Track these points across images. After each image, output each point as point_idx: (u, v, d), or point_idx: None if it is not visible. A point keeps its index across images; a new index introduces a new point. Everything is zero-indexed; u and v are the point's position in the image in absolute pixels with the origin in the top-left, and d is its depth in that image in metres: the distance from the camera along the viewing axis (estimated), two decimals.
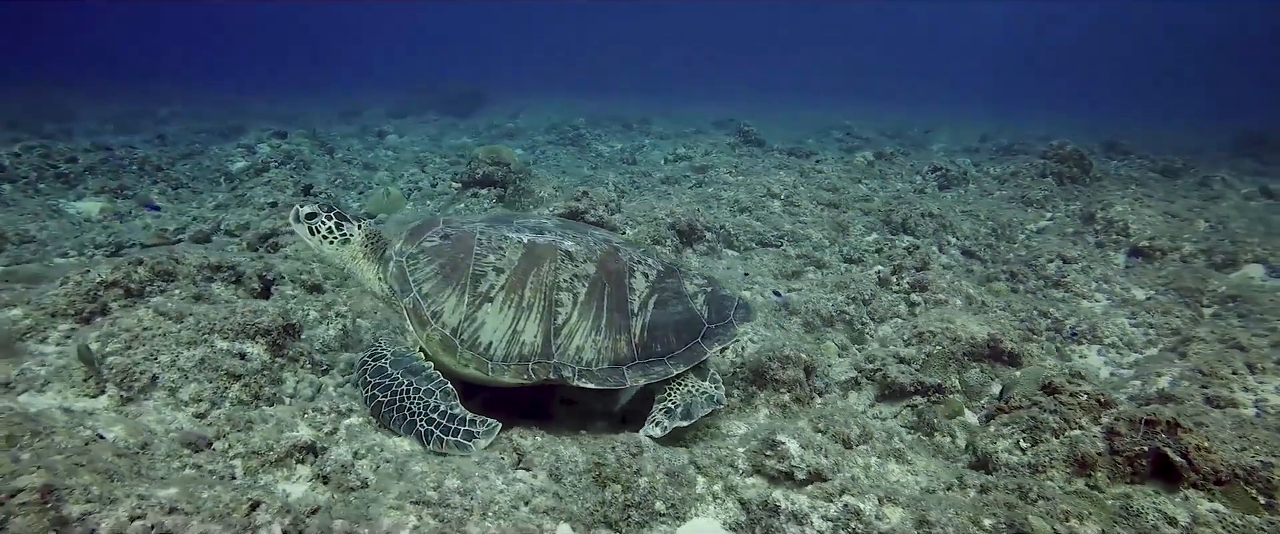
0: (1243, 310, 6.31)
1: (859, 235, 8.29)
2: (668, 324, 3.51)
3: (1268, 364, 4.62)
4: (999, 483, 3.05)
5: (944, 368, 4.64)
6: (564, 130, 17.70)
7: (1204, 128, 25.44)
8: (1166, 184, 12.09)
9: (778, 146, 14.81)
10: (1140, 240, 7.84)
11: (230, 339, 3.66)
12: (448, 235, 3.68)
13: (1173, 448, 3.14)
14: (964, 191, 10.73)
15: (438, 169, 11.00)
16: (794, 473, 2.95)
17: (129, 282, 4.29)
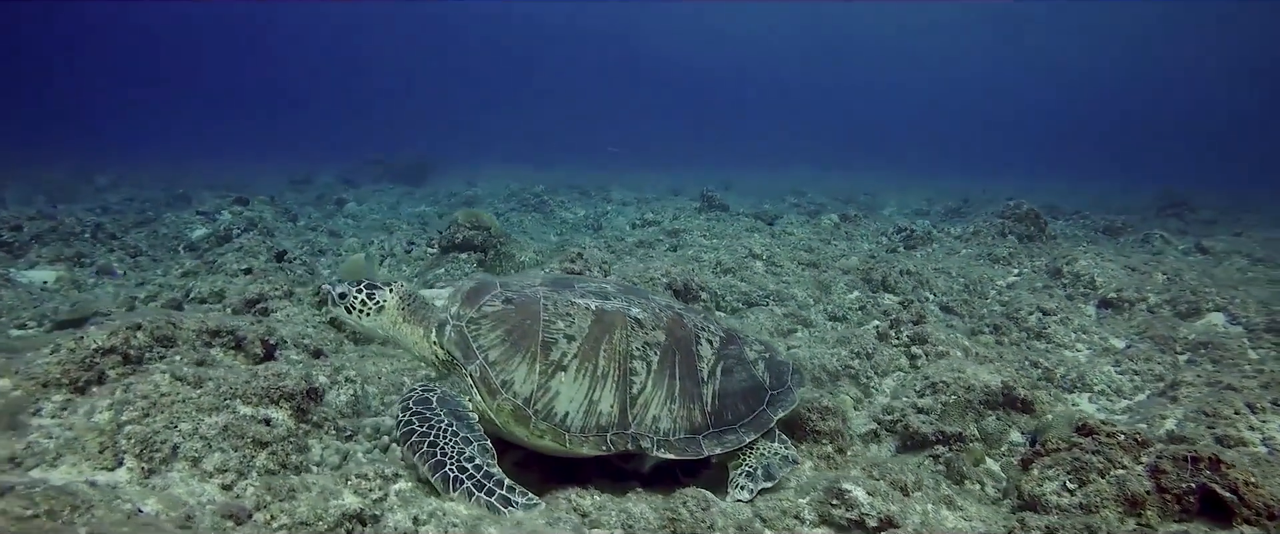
0: (1214, 356, 6.60)
1: (841, 293, 8.43)
2: (736, 392, 3.49)
3: (1264, 404, 4.80)
4: (1063, 524, 3.06)
5: (961, 416, 4.68)
6: (525, 197, 17.77)
7: (1125, 191, 27.10)
8: (1112, 242, 12.76)
9: (742, 211, 15.14)
10: (1108, 292, 8.19)
11: (254, 405, 3.47)
12: (510, 299, 3.58)
13: (1221, 484, 3.21)
14: (931, 250, 11.09)
15: (406, 235, 10.84)
16: (864, 521, 2.90)
17: (127, 348, 4.04)
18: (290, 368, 3.78)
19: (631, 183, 24.34)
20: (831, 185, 26.12)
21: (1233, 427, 4.61)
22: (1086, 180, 32.97)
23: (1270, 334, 7.01)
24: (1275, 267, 10.73)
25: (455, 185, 21.27)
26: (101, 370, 3.90)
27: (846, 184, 27.68)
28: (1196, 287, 8.14)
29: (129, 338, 4.07)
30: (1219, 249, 11.99)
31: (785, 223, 13.71)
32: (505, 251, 8.81)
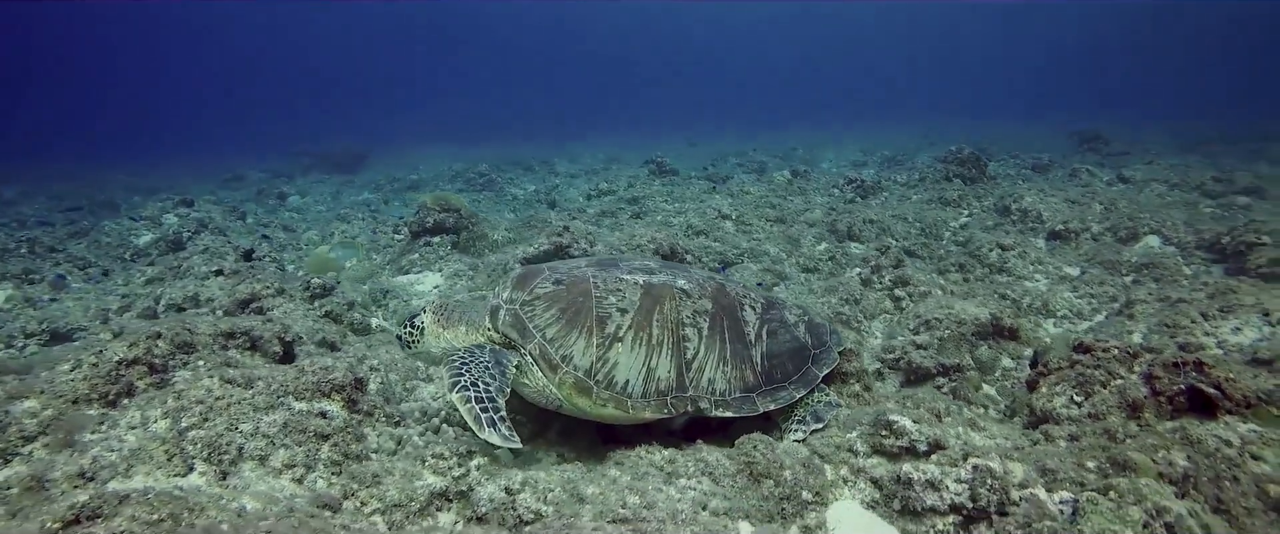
0: (1156, 275, 7.20)
1: (811, 246, 8.77)
2: (782, 352, 3.70)
3: (1213, 312, 5.32)
4: (1084, 431, 3.40)
5: (957, 348, 5.04)
6: (471, 177, 17.55)
7: (1041, 130, 28.41)
8: (1043, 178, 13.51)
9: (693, 174, 15.35)
10: (1055, 225, 8.77)
11: (307, 399, 3.49)
12: (560, 281, 3.72)
13: (1206, 383, 3.61)
14: (884, 199, 11.54)
15: (368, 223, 10.66)
16: (915, 447, 3.16)
17: (151, 357, 3.97)
18: (334, 361, 3.81)
19: (571, 154, 24.27)
20: (766, 145, 26.53)
21: (1191, 334, 5.11)
22: (1002, 122, 34.33)
23: (1200, 251, 7.66)
24: (1187, 190, 11.63)
25: (396, 170, 20.78)
26: (129, 382, 3.84)
27: (780, 142, 28.14)
28: (1131, 213, 8.79)
29: (151, 347, 4.00)
30: (1138, 178, 12.87)
31: (737, 183, 14.00)
32: (478, 232, 8.79)
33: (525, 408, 4.00)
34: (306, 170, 22.12)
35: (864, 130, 32.53)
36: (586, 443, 3.93)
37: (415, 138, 36.26)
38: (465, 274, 7.92)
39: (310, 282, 6.15)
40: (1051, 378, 3.96)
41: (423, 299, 7.38)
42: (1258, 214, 9.84)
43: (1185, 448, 3.26)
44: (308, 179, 19.91)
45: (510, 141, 32.41)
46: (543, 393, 3.58)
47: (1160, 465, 3.08)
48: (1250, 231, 7.14)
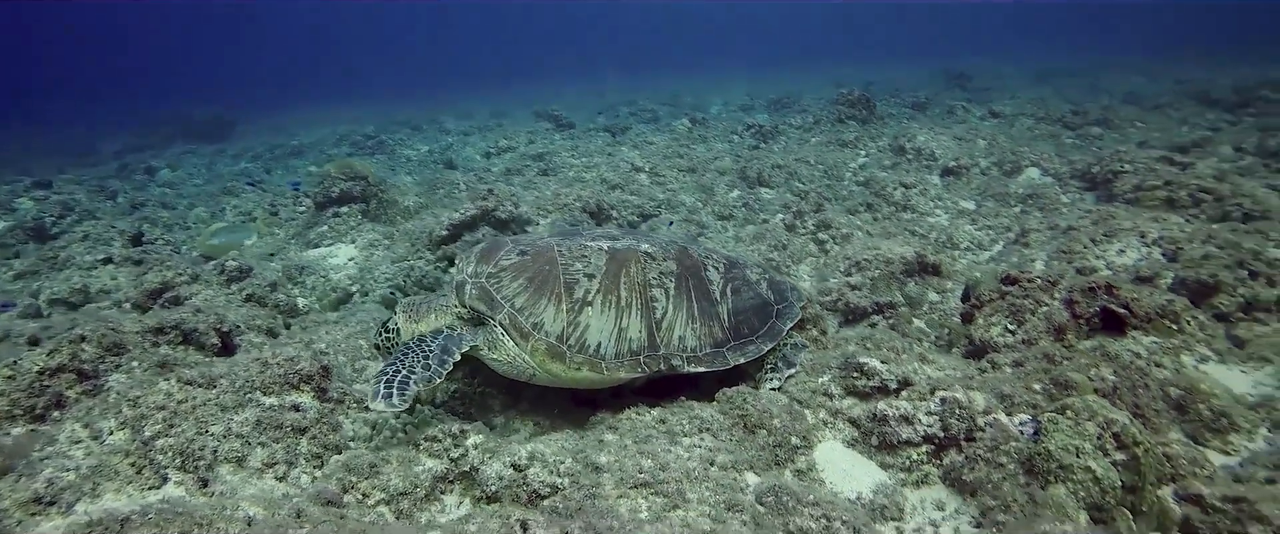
0: (1040, 204, 7.89)
1: (724, 194, 8.98)
2: (747, 308, 3.81)
3: (1099, 236, 5.91)
4: (1027, 356, 3.75)
5: (888, 286, 5.37)
6: (358, 140, 16.66)
7: (913, 71, 29.84)
8: (923, 116, 14.29)
9: (591, 127, 15.21)
10: (947, 162, 9.36)
11: (276, 393, 3.34)
12: (524, 252, 3.70)
13: (1116, 303, 4.05)
14: (786, 143, 11.89)
15: (261, 196, 9.98)
16: (886, 385, 3.39)
17: (78, 363, 3.66)
18: (298, 351, 3.63)
19: (460, 111, 23.41)
20: (651, 92, 26.50)
21: (1085, 259, 5.67)
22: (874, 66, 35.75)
23: (1074, 180, 8.42)
24: (1051, 123, 12.65)
25: (272, 137, 19.31)
26: (57, 393, 3.54)
27: (663, 89, 28.14)
28: (1012, 148, 9.51)
29: (76, 352, 3.67)
30: (1007, 112, 13.85)
31: (637, 133, 14.03)
32: (388, 199, 8.42)
33: (495, 381, 3.97)
34: (168, 141, 20.22)
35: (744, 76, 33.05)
36: (558, 410, 3.96)
37: (287, 102, 33.78)
38: (381, 244, 7.61)
39: (225, 264, 5.75)
40: (985, 309, 4.32)
41: (340, 273, 7.07)
42: (1108, 143, 10.89)
43: (1109, 363, 3.67)
44: (174, 151, 18.22)
45: (389, 101, 30.86)
46: (515, 364, 3.57)
47: (1095, 381, 3.46)
48: (1115, 161, 7.91)
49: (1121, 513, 2.74)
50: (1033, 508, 2.70)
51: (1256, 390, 3.90)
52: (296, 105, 31.62)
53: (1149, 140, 10.63)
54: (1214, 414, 3.55)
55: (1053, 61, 27.38)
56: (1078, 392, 3.38)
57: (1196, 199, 6.71)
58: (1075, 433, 2.87)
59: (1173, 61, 23.76)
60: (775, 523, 2.61)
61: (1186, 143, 9.81)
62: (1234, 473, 3.25)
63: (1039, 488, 2.79)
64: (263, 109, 29.22)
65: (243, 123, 23.64)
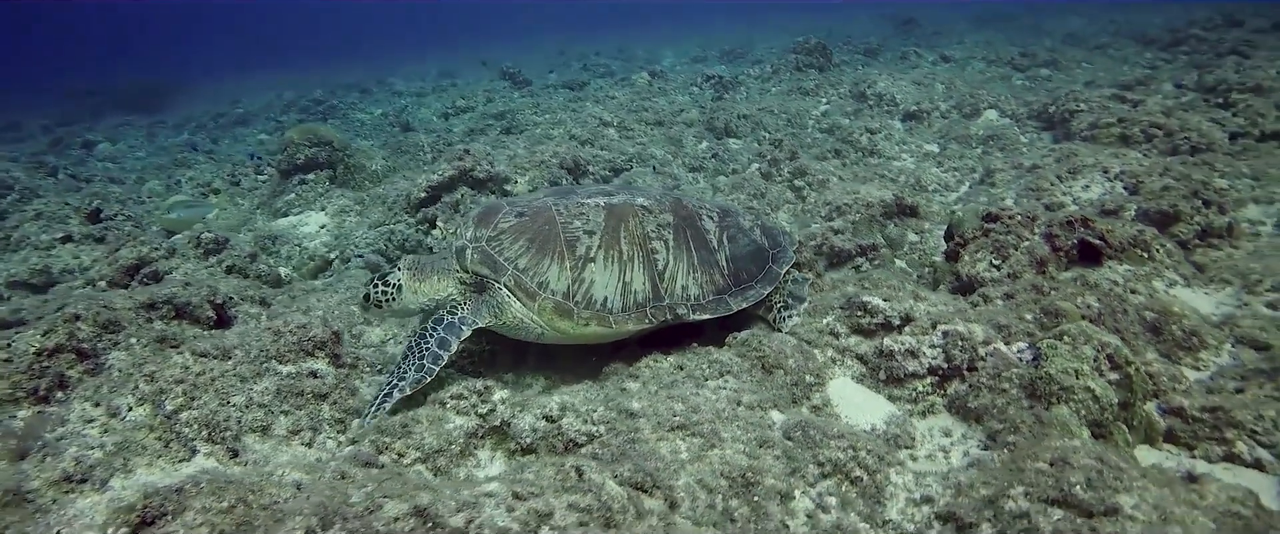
0: (1001, 145, 8.15)
1: (693, 145, 9.03)
2: (744, 255, 3.87)
3: (1064, 174, 6.17)
4: (1016, 289, 3.94)
5: (869, 229, 5.53)
6: (307, 106, 16.15)
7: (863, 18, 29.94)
8: (878, 61, 14.47)
9: (549, 82, 15.00)
10: (908, 106, 9.56)
11: (293, 361, 3.33)
12: (522, 213, 3.69)
13: (1093, 235, 4.27)
14: (747, 93, 11.94)
15: (218, 166, 9.65)
16: (890, 321, 3.55)
17: (76, 342, 3.57)
18: (309, 318, 3.60)
19: (406, 73, 22.81)
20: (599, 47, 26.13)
21: (1053, 195, 5.91)
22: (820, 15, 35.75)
23: (1031, 121, 8.71)
24: (1001, 66, 12.98)
25: (214, 105, 18.52)
26: (58, 373, 3.46)
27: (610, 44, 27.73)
28: (970, 91, 9.74)
29: (73, 331, 3.57)
30: (958, 57, 14.14)
31: (597, 88, 13.91)
32: (355, 164, 8.25)
33: (501, 340, 4.00)
34: (98, 113, 19.24)
35: (691, 29, 32.82)
36: (565, 364, 4.02)
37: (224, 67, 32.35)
38: (352, 210, 7.48)
39: (201, 237, 5.60)
40: (971, 246, 4.50)
41: (314, 241, 6.94)
42: (1057, 83, 11.25)
43: (1092, 292, 3.89)
44: (108, 123, 17.34)
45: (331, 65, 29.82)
46: (522, 324, 3.60)
47: (1082, 309, 3.67)
48: (1070, 100, 8.20)
49: (1118, 428, 2.95)
50: (1040, 428, 2.89)
51: (1219, 310, 4.18)
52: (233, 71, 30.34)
53: (1095, 80, 11.02)
54: (1185, 333, 3.80)
55: (995, 4, 27.80)
56: (1067, 319, 3.58)
57: (1148, 134, 7.03)
58: (1074, 356, 3.06)
59: (1107, 3, 24.39)
60: (805, 456, 2.75)
61: (1131, 81, 10.21)
62: (1207, 385, 3.51)
63: (1043, 409, 2.98)
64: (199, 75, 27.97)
65: (180, 90, 22.59)
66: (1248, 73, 8.51)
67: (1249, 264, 4.47)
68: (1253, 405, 3.15)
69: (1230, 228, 5.15)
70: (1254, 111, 7.19)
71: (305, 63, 32.71)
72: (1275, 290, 4.16)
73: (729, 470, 2.55)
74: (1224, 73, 8.70)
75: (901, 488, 2.80)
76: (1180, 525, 2.14)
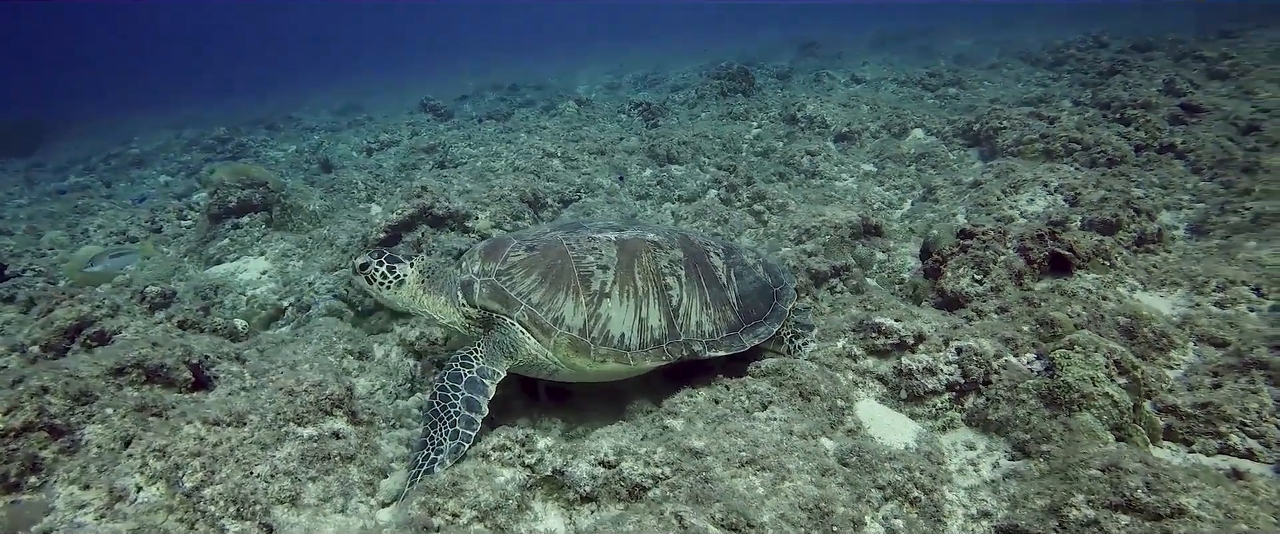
0: (932, 163, 8.59)
1: (638, 173, 9.07)
2: (752, 291, 3.87)
3: (1007, 189, 6.57)
4: (1012, 304, 4.14)
5: (840, 250, 5.70)
6: (210, 144, 15.26)
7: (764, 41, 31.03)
8: (794, 85, 15.01)
9: (472, 114, 14.77)
10: (839, 128, 9.95)
11: (313, 422, 3.12)
12: (532, 247, 3.62)
13: (1062, 247, 4.56)
14: (678, 119, 12.11)
15: (132, 212, 8.96)
16: (905, 341, 3.66)
17: (47, 418, 3.21)
18: (324, 375, 3.37)
19: (311, 107, 21.95)
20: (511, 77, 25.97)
21: (1000, 210, 6.28)
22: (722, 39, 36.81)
23: (957, 138, 9.23)
24: (912, 86, 13.71)
25: (101, 145, 17.16)
26: (30, 455, 3.10)
27: (520, 73, 27.56)
28: (893, 112, 10.24)
29: (43, 406, 3.20)
30: (870, 78, 14.84)
31: (522, 118, 13.79)
32: (291, 205, 7.84)
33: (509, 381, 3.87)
34: None
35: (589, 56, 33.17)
36: (577, 405, 3.94)
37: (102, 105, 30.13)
38: (295, 253, 7.11)
39: (145, 290, 5.18)
40: (951, 262, 4.71)
41: (260, 288, 6.55)
42: (964, 101, 11.99)
43: (1074, 301, 4.15)
44: None
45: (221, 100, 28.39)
46: (535, 362, 3.51)
47: (1073, 318, 3.91)
48: (993, 118, 8.76)
49: (1137, 430, 3.14)
50: (1070, 435, 3.05)
51: (1175, 311, 4.53)
52: (114, 109, 28.31)
53: (1000, 97, 11.80)
54: (1156, 335, 4.10)
55: (887, 27, 29.42)
56: (1062, 328, 3.80)
57: (1068, 149, 7.60)
58: (1088, 364, 3.25)
59: (988, 25, 26.28)
60: (865, 480, 2.79)
61: (1033, 98, 11.01)
62: (1187, 383, 3.80)
63: (1066, 417, 3.15)
64: (76, 114, 25.93)
65: (55, 130, 20.87)
66: (1135, 91, 9.35)
67: (1191, 267, 4.88)
68: (1236, 399, 3.42)
69: (1159, 234, 5.61)
70: (1152, 125, 7.89)
71: (195, 100, 31.01)
72: (1220, 290, 4.56)
73: (804, 502, 2.55)
74: (1115, 91, 9.52)
75: (957, 504, 2.88)
76: (1245, 522, 2.30)
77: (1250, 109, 8.65)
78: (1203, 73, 10.39)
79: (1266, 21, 15.40)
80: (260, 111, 21.80)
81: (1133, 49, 14.19)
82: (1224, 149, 7.17)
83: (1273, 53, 11.14)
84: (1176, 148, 7.46)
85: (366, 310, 5.77)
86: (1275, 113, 8.49)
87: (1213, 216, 6.05)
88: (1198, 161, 7.15)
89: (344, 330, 4.90)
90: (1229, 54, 10.72)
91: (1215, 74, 10.31)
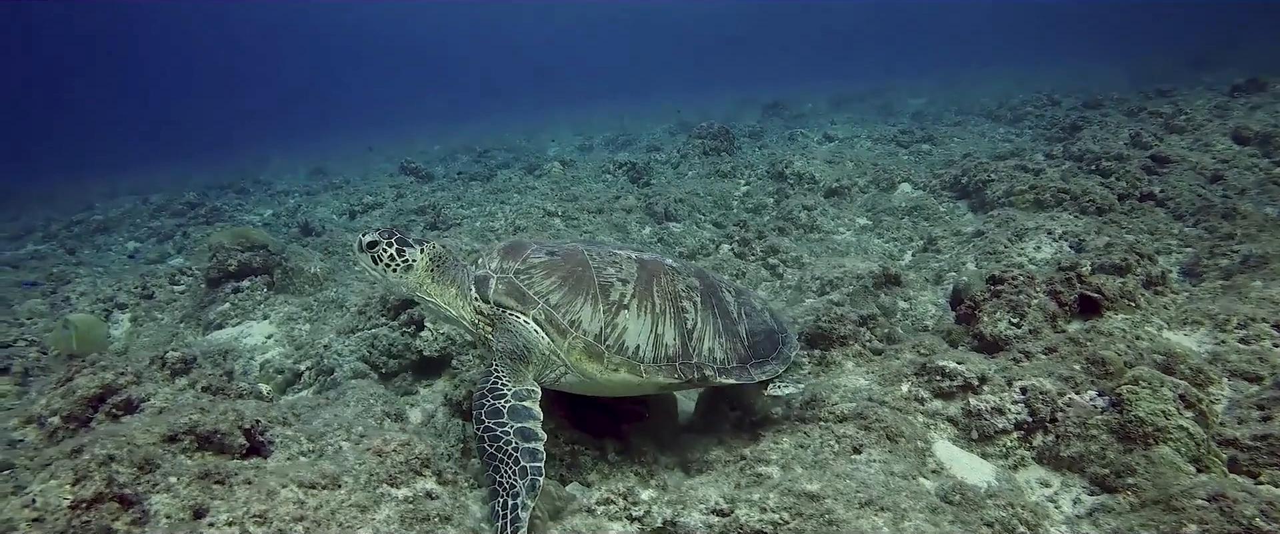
0: (925, 215, 8.88)
1: (638, 231, 9.17)
2: (760, 332, 3.90)
3: (1012, 238, 6.82)
4: (1058, 344, 4.27)
5: (865, 299, 5.82)
6: (180, 209, 14.89)
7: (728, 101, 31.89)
8: (772, 143, 15.44)
9: (457, 173, 14.79)
10: (828, 184, 10.24)
11: (405, 483, 3.02)
12: (553, 252, 3.65)
13: (1091, 289, 4.75)
14: (665, 178, 12.29)
15: (116, 280, 8.66)
16: (970, 383, 3.74)
17: (116, 488, 3.05)
18: (412, 435, 3.28)
19: (274, 170, 21.71)
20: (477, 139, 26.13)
21: (1010, 257, 6.51)
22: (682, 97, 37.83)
23: (945, 191, 9.58)
24: (886, 142, 14.24)
25: (61, 211, 16.61)
26: (104, 528, 2.94)
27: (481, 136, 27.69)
28: (882, 166, 10.60)
29: (112, 476, 3.06)
30: (840, 135, 15.38)
31: (507, 178, 13.85)
32: (292, 268, 7.68)
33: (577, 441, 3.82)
34: None
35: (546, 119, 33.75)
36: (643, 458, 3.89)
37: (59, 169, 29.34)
38: (301, 317, 6.94)
39: (166, 356, 4.99)
40: (986, 307, 4.84)
41: (270, 353, 6.37)
42: (938, 157, 12.48)
43: (1116, 340, 4.29)
44: None
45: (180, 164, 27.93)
46: (547, 363, 3.45)
47: (1123, 355, 4.04)
48: (980, 171, 9.13)
49: (1216, 461, 3.24)
50: (1155, 470, 3.12)
51: (1202, 348, 4.72)
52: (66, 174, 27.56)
53: (971, 153, 12.31)
54: (1193, 371, 4.25)
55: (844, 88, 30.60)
56: (1112, 366, 3.93)
57: (1058, 199, 7.95)
58: (1157, 399, 3.36)
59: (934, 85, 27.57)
60: (973, 518, 2.81)
61: (1005, 153, 11.52)
62: (1233, 416, 3.94)
63: (1144, 450, 3.23)
64: (28, 179, 25.17)
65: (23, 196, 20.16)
66: (1104, 144, 9.89)
67: (1208, 307, 5.10)
68: None
69: (1163, 276, 5.88)
70: (1131, 176, 8.32)
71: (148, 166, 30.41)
72: (1243, 327, 4.77)
73: None
74: (1085, 144, 10.05)
75: None
76: None
77: (1212, 160, 9.22)
78: (1162, 127, 11.05)
79: (1190, 81, 16.58)
80: (220, 175, 21.47)
81: (1084, 106, 15.03)
82: (1202, 196, 7.60)
83: (1213, 108, 11.95)
84: (1156, 196, 7.88)
85: (391, 372, 5.64)
86: (1233, 163, 9.07)
87: (1204, 260, 6.37)
88: (1179, 208, 7.56)
89: (378, 392, 4.78)
90: (1183, 109, 11.45)
91: (1173, 128, 10.99)
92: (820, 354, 4.68)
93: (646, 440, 3.83)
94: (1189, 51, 24.43)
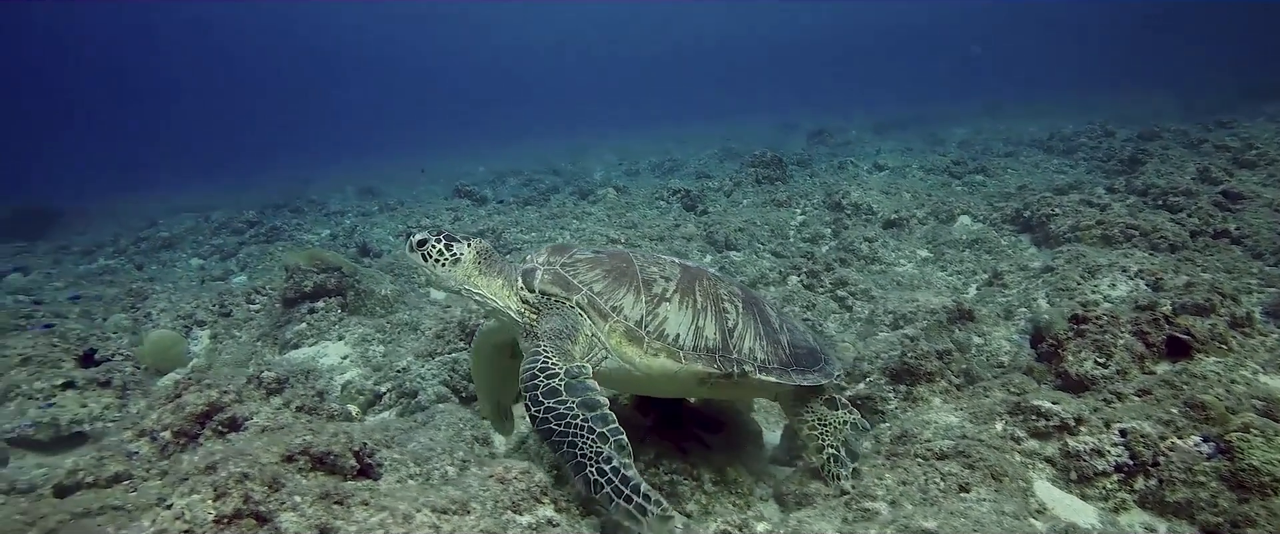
0: (986, 248, 8.84)
1: (699, 259, 9.26)
2: (802, 347, 3.97)
3: (1085, 275, 6.76)
4: (1150, 386, 4.24)
5: (940, 334, 5.81)
6: (240, 227, 15.37)
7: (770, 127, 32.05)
8: (820, 171, 15.47)
9: (510, 197, 15.07)
10: (886, 215, 10.24)
11: (528, 510, 3.12)
12: (598, 252, 3.83)
13: (1180, 331, 4.71)
14: (723, 207, 12.39)
15: (193, 296, 8.98)
16: (1066, 423, 3.74)
17: (252, 505, 3.20)
18: (529, 462, 3.39)
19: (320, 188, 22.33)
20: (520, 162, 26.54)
21: (1083, 295, 6.45)
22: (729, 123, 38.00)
23: (1006, 225, 9.52)
24: (938, 173, 14.17)
25: (123, 227, 17.27)
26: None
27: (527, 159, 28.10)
28: (940, 198, 10.58)
29: (248, 493, 3.21)
30: (892, 164, 15.35)
31: (561, 203, 14.09)
32: (365, 290, 7.91)
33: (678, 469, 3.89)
34: None
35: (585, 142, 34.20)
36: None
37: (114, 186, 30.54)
38: (375, 338, 7.13)
39: (262, 375, 5.18)
40: (1071, 347, 4.82)
41: (347, 374, 6.56)
42: (992, 188, 12.39)
43: (1212, 384, 4.25)
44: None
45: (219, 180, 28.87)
46: (591, 345, 3.53)
47: (1223, 400, 4.01)
48: (1043, 205, 9.07)
49: None
50: (1275, 519, 3.10)
51: None
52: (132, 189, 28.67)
53: (1027, 185, 12.22)
54: None
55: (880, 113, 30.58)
56: (1212, 411, 3.89)
57: (1126, 235, 7.87)
58: (1273, 448, 3.33)
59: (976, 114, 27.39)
60: None
61: (1064, 185, 11.41)
62: None
63: (1261, 500, 3.20)
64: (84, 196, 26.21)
65: (67, 214, 20.93)
66: (1170, 179, 9.76)
67: None
68: None
69: (1248, 317, 5.78)
70: (1203, 212, 8.20)
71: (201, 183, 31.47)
72: None
73: None
74: (1150, 178, 9.93)
75: None
76: None
77: None
78: (1231, 161, 10.86)
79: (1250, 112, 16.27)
80: (268, 194, 22.11)
81: (1140, 138, 14.81)
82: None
83: None
84: (1231, 234, 7.75)
85: (469, 396, 5.79)
86: None
87: None
88: (1257, 246, 7.43)
89: (464, 416, 4.92)
90: (1253, 144, 11.24)
91: (1243, 163, 10.79)
92: (906, 389, 4.70)
93: (741, 471, 3.89)
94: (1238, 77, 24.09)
